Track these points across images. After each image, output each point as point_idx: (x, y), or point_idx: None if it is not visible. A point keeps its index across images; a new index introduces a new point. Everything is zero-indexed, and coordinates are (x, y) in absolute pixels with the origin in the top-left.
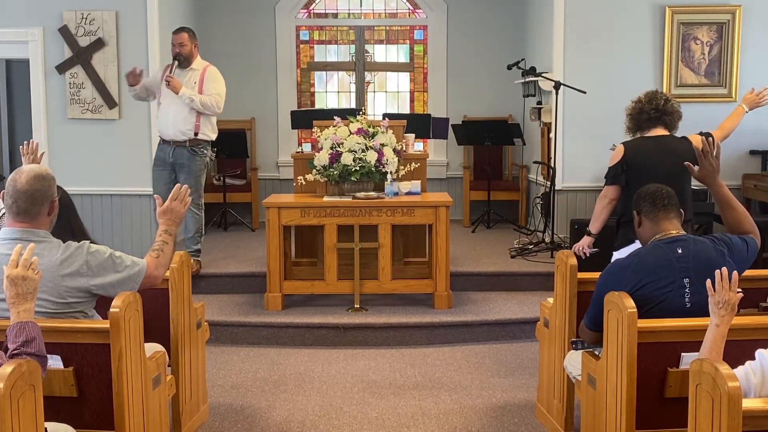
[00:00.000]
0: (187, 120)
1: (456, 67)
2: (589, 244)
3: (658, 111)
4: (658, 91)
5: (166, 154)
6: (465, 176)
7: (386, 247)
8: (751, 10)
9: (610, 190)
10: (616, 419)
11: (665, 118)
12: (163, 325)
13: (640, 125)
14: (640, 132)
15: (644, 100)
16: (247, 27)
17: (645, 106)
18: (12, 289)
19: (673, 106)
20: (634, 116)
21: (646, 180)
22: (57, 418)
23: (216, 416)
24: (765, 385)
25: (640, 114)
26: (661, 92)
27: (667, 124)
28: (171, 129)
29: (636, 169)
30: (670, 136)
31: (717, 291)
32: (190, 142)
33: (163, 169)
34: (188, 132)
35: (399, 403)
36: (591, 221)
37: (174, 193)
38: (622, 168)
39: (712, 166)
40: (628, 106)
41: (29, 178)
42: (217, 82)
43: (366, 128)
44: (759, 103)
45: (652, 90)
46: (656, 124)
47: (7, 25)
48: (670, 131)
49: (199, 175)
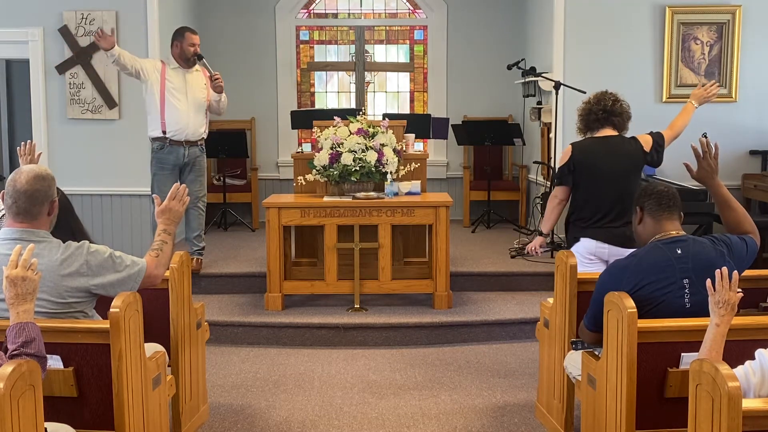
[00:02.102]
0: (203, 120)
1: (456, 67)
2: (542, 243)
3: (606, 112)
4: (607, 91)
5: (179, 156)
6: (465, 176)
7: (386, 247)
8: (751, 10)
9: (558, 190)
10: (616, 419)
11: (613, 119)
12: (163, 325)
13: (588, 126)
14: (589, 132)
15: (593, 101)
16: (247, 27)
17: (593, 106)
18: (11, 290)
19: (622, 106)
20: (583, 117)
21: (594, 180)
22: (57, 418)
23: (216, 416)
24: (765, 384)
25: (589, 114)
26: (611, 93)
27: (616, 125)
28: (191, 129)
29: (583, 170)
30: (619, 137)
31: (717, 291)
32: (200, 141)
33: (172, 172)
34: (202, 132)
35: (399, 403)
36: (542, 221)
37: (172, 192)
38: (569, 168)
39: (710, 167)
40: (579, 106)
41: (29, 178)
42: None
43: (366, 128)
44: (707, 98)
45: (601, 91)
46: (604, 125)
47: (7, 25)
48: (619, 132)
49: (205, 172)
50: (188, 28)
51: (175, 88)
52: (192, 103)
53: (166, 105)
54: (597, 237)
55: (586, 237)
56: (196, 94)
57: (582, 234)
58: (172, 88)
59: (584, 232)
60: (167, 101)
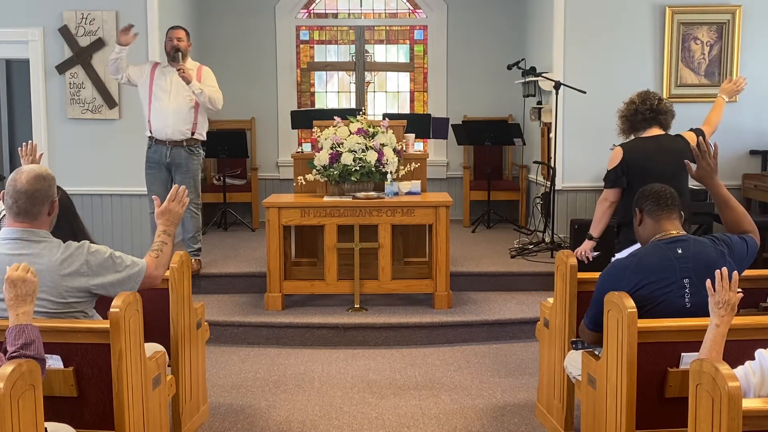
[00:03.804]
0: (187, 119)
1: (456, 67)
2: (591, 248)
3: (653, 111)
4: (649, 90)
5: (162, 155)
6: (465, 176)
7: (386, 247)
8: (751, 10)
9: (610, 193)
10: (616, 419)
11: (660, 118)
12: (163, 325)
13: (635, 126)
14: (635, 133)
15: (638, 101)
16: (247, 27)
17: (639, 106)
18: (11, 291)
19: (666, 105)
20: (628, 117)
21: (646, 181)
22: (57, 418)
23: (216, 416)
24: (765, 384)
25: (635, 115)
26: (653, 92)
27: (662, 124)
28: (170, 128)
29: (636, 171)
30: (667, 135)
31: (717, 291)
32: (186, 141)
33: (158, 170)
34: (186, 131)
35: (399, 403)
36: (592, 225)
37: (172, 194)
38: (622, 170)
39: (710, 166)
40: (621, 108)
41: (29, 178)
42: (214, 80)
43: (366, 128)
44: (737, 90)
45: (643, 90)
46: (652, 124)
47: (7, 25)
48: (665, 130)
49: (196, 174)
50: (174, 26)
51: (160, 87)
52: (173, 102)
53: (152, 104)
54: None
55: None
56: (181, 93)
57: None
58: (157, 88)
59: None
60: (152, 101)
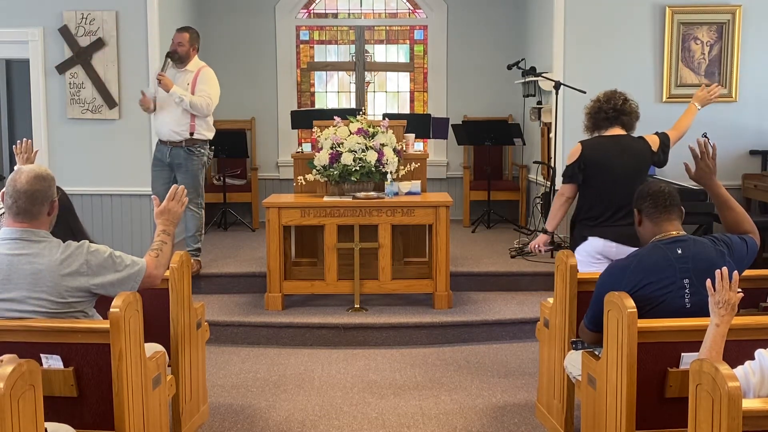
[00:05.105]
0: (181, 121)
1: (456, 67)
2: (546, 242)
3: (616, 110)
4: (616, 90)
5: (164, 154)
6: (465, 176)
7: (386, 247)
8: (751, 10)
9: (566, 188)
10: (616, 419)
11: (623, 118)
12: (163, 325)
13: (597, 124)
14: (597, 131)
15: (603, 99)
16: (247, 27)
17: (603, 105)
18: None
19: (631, 106)
20: (592, 115)
21: (603, 179)
22: (57, 418)
23: (216, 416)
24: (764, 385)
25: (598, 113)
26: (620, 92)
27: (625, 124)
28: (166, 129)
29: (593, 168)
30: (627, 136)
31: (717, 291)
32: (186, 142)
33: (161, 169)
34: (183, 132)
35: (399, 403)
36: (548, 219)
37: (171, 193)
38: (579, 167)
39: (708, 167)
40: (587, 104)
41: (29, 178)
42: (210, 83)
43: (366, 128)
44: (710, 100)
45: (611, 89)
46: (614, 124)
47: (7, 25)
48: (628, 131)
49: (197, 174)
50: (181, 27)
51: (160, 89)
52: (167, 104)
53: (156, 106)
54: (605, 235)
55: (594, 236)
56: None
57: (590, 233)
58: (158, 90)
59: (592, 230)
60: (156, 102)
